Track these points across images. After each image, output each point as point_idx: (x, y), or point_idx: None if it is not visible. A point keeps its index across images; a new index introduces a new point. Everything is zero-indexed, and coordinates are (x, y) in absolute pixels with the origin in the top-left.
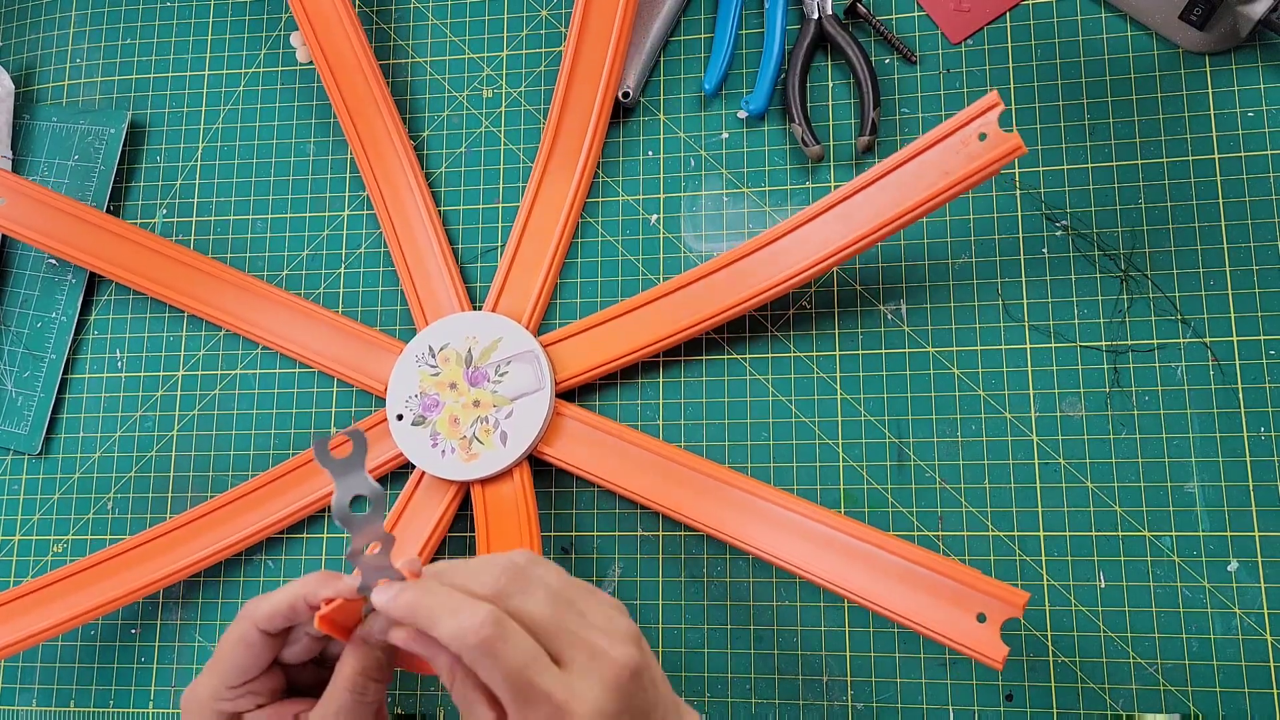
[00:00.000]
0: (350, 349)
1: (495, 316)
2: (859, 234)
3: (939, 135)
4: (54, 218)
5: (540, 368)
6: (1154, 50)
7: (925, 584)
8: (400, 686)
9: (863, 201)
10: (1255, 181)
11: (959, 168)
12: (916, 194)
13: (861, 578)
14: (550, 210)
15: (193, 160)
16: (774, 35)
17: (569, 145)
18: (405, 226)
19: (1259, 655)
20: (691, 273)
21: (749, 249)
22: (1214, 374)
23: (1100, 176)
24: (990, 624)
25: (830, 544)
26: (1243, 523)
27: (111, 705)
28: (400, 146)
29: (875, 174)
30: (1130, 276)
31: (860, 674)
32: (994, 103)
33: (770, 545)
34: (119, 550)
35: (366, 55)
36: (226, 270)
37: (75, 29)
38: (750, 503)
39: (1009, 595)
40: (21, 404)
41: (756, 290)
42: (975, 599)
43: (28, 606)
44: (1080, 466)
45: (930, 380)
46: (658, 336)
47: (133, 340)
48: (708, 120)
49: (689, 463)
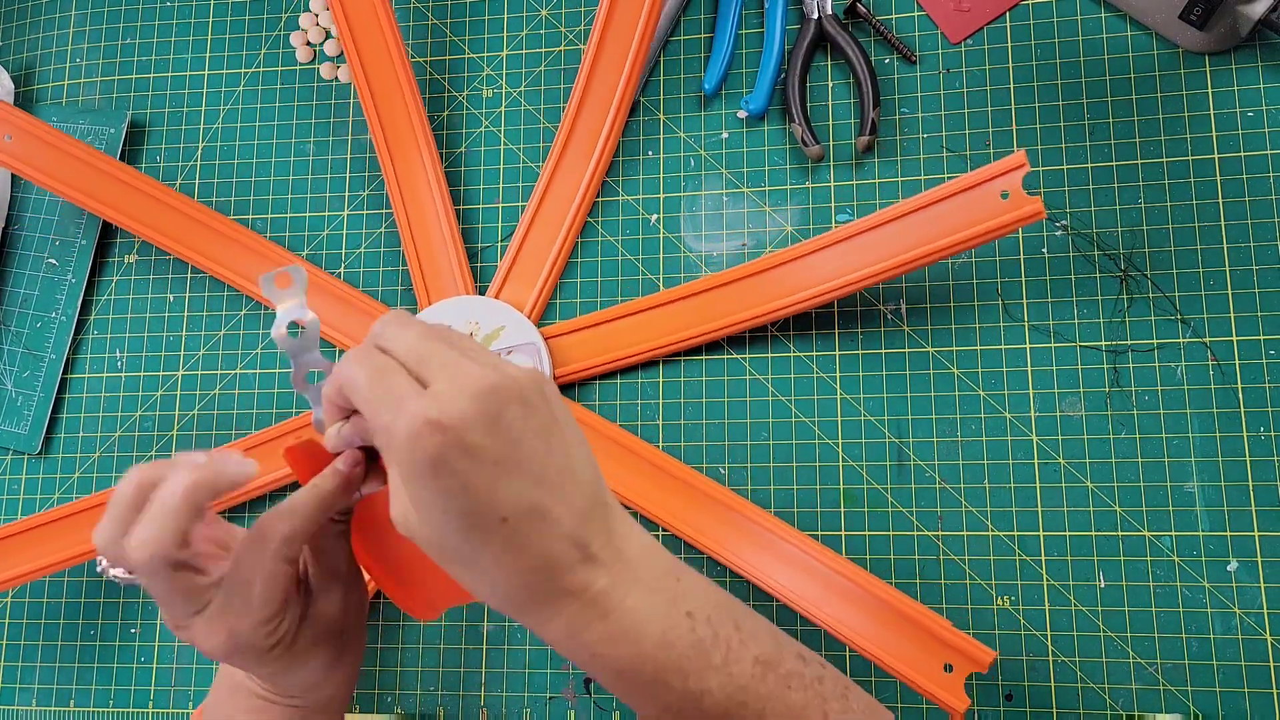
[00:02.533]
0: (348, 317)
1: (498, 303)
2: (869, 271)
3: (962, 186)
4: (61, 159)
5: (541, 360)
6: (1154, 50)
7: (899, 625)
8: (400, 686)
9: (877, 238)
10: (1255, 181)
11: (978, 221)
12: (932, 240)
13: (839, 609)
14: (561, 200)
15: (192, 160)
16: (774, 35)
17: (585, 137)
18: (415, 202)
19: (1259, 655)
20: (699, 282)
21: (760, 267)
22: (1214, 374)
23: (1100, 176)
24: (956, 674)
25: (813, 573)
26: (1242, 523)
27: (111, 705)
28: (417, 121)
29: (894, 213)
30: (1130, 276)
31: (860, 674)
32: (1020, 163)
33: (751, 564)
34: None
35: (390, 22)
36: (235, 227)
37: (75, 29)
38: (739, 521)
39: (976, 652)
40: (21, 404)
41: (762, 311)
42: (944, 650)
43: (29, 542)
44: (1080, 466)
45: (930, 380)
46: (660, 343)
47: (133, 340)
48: (708, 120)
49: (680, 473)
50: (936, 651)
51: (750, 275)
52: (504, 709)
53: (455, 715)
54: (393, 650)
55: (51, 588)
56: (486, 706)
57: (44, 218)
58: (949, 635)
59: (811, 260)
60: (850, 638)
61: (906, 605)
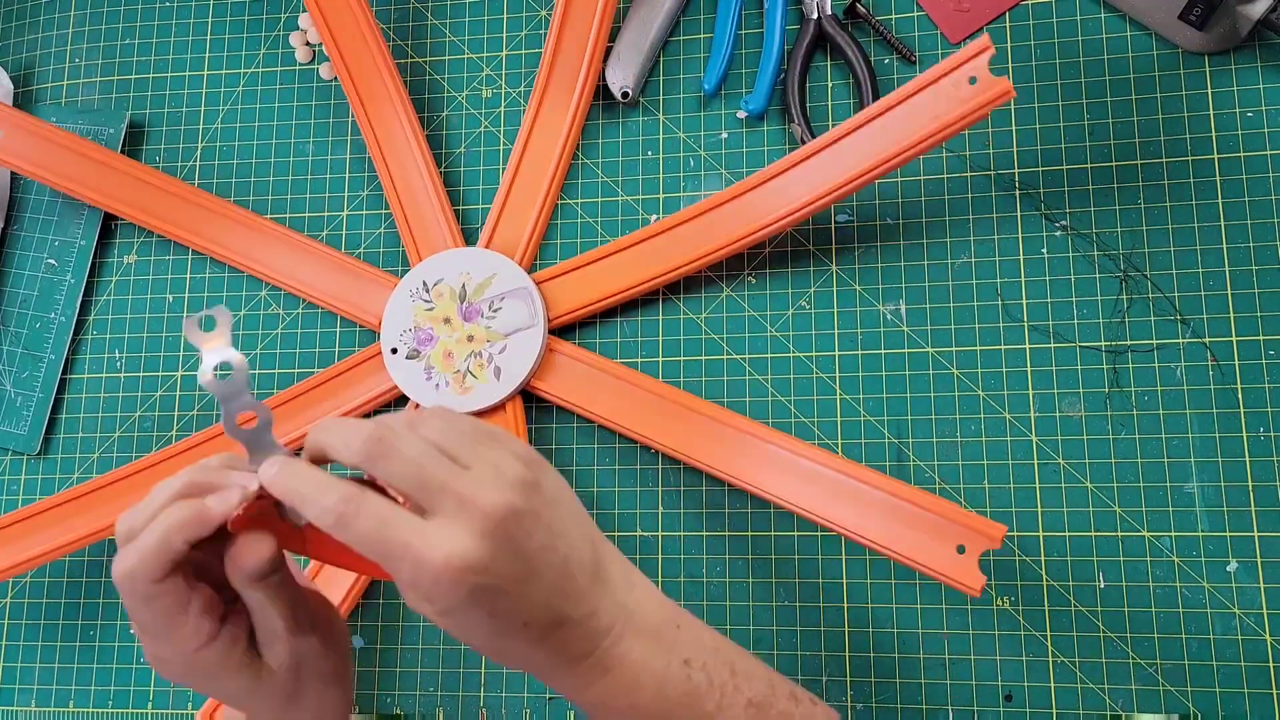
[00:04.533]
0: (344, 283)
1: (489, 253)
2: (850, 175)
3: (930, 79)
4: (52, 150)
5: (533, 304)
6: (1154, 50)
7: (907, 517)
8: (400, 686)
9: (854, 143)
10: (1255, 181)
11: (949, 111)
12: (907, 137)
13: (846, 511)
14: (545, 146)
15: (192, 160)
16: (773, 35)
17: (564, 78)
18: (398, 163)
19: (1258, 655)
20: (685, 211)
21: (740, 189)
22: (1213, 374)
23: (1100, 176)
24: (969, 555)
25: (817, 479)
26: (1242, 523)
27: (111, 705)
28: (391, 82)
29: (866, 116)
30: (1130, 276)
31: (860, 674)
32: (985, 46)
33: (758, 480)
34: (122, 474)
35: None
36: (226, 205)
37: (75, 29)
38: (739, 439)
39: (987, 528)
40: (21, 404)
41: (750, 229)
42: (955, 531)
43: (30, 529)
44: (1080, 466)
45: (930, 380)
46: (651, 274)
47: (132, 340)
48: (707, 120)
49: (678, 399)
50: (947, 535)
51: (731, 199)
52: (504, 709)
53: (455, 715)
54: (392, 650)
55: (51, 588)
56: (486, 707)
57: (43, 218)
58: (957, 515)
59: (790, 177)
60: (861, 537)
61: (912, 494)
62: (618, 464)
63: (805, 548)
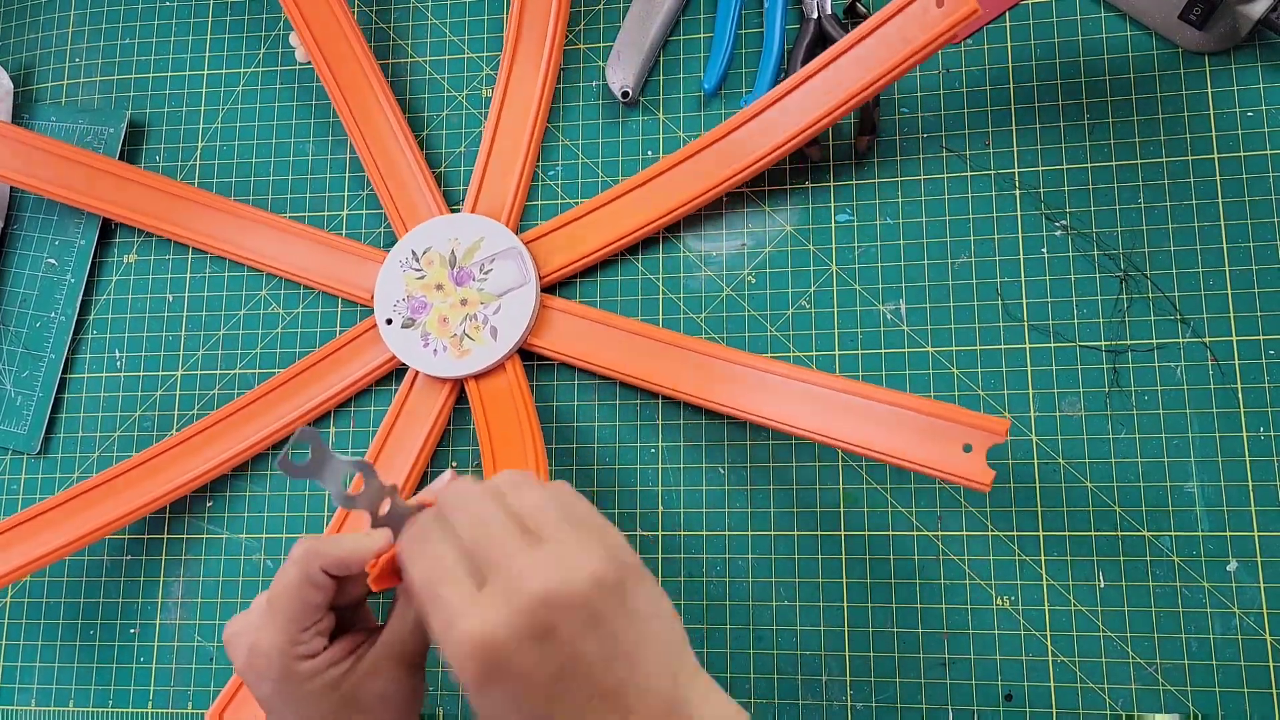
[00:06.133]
0: (334, 261)
1: (475, 217)
2: (828, 107)
3: (899, 5)
4: (39, 158)
5: (524, 262)
6: (1154, 50)
7: (912, 425)
8: None
9: (830, 76)
10: (1255, 181)
11: (918, 35)
12: (879, 65)
13: (851, 427)
14: (521, 102)
15: (192, 160)
16: (774, 35)
17: (533, 37)
18: (375, 137)
19: (1258, 655)
20: (671, 157)
21: (721, 133)
22: (1213, 374)
23: (1100, 176)
24: (976, 453)
25: (819, 400)
26: (1242, 523)
27: (111, 705)
28: (363, 56)
29: (838, 50)
30: (1130, 276)
31: (860, 674)
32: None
33: (760, 407)
34: (128, 466)
35: None
36: (212, 196)
37: (75, 29)
38: (736, 371)
39: (991, 425)
40: (21, 404)
41: (734, 171)
42: (959, 431)
43: (30, 531)
44: (1080, 466)
45: (930, 380)
46: (640, 223)
47: (132, 340)
48: (707, 120)
49: (674, 340)
50: (952, 436)
51: (715, 141)
52: None
53: (455, 715)
54: None
55: (51, 588)
56: None
57: (43, 218)
58: (960, 415)
59: (770, 115)
60: (867, 450)
61: (911, 401)
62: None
63: (805, 547)
